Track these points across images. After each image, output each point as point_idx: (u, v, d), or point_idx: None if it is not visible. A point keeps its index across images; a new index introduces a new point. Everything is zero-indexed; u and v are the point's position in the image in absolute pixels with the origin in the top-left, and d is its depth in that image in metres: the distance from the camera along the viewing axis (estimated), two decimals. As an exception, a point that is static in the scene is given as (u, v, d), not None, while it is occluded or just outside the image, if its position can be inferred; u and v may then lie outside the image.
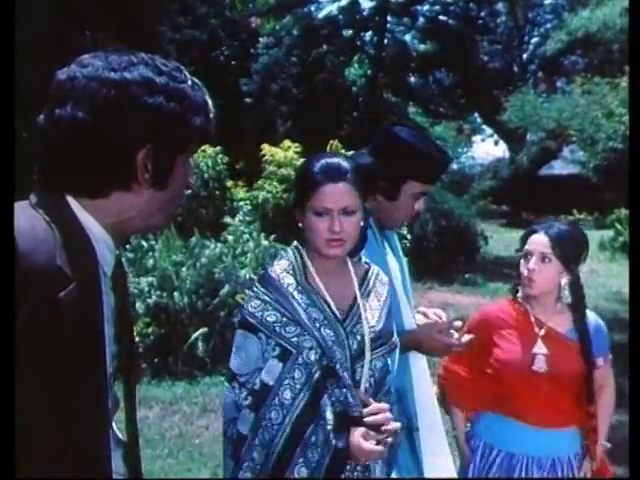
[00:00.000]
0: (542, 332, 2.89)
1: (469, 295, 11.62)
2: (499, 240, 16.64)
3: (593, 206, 21.28)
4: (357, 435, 2.09)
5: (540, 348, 2.85)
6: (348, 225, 2.17)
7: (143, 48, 1.50)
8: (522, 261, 2.90)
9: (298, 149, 10.65)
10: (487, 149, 32.15)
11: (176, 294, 7.08)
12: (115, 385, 1.53)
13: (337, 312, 2.22)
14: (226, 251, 7.76)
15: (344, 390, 2.15)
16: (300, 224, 2.24)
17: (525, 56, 31.68)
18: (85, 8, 10.87)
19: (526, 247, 2.90)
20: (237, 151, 10.12)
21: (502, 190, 27.87)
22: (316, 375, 2.12)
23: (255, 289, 2.24)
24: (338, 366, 2.14)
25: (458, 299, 11.15)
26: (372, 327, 2.24)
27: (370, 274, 2.38)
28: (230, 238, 8.25)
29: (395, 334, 2.35)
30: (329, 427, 2.09)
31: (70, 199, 1.41)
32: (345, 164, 2.20)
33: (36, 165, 1.44)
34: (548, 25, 30.24)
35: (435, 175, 2.78)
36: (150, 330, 6.85)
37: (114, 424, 1.55)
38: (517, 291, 3.01)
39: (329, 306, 2.22)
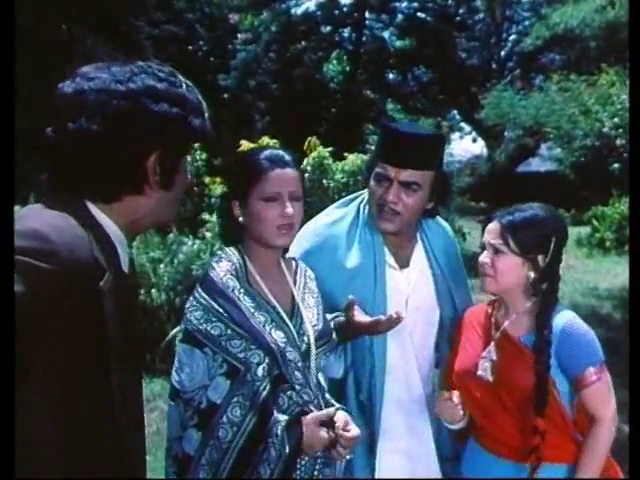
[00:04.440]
0: (497, 335, 2.44)
1: (447, 291, 11.62)
2: (477, 236, 16.61)
3: (570, 203, 21.37)
4: (311, 422, 2.06)
5: (489, 352, 2.40)
6: (297, 210, 2.17)
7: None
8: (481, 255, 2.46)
9: (277, 146, 10.63)
10: (465, 146, 32.13)
11: (154, 291, 7.04)
12: None
13: (283, 314, 2.17)
14: (204, 248, 7.72)
15: (298, 388, 2.10)
16: (241, 218, 2.19)
17: (503, 53, 31.77)
18: (61, 2, 10.76)
19: (482, 238, 2.48)
20: (215, 147, 10.08)
21: (480, 187, 27.96)
22: (265, 392, 2.05)
23: (197, 295, 2.13)
24: (291, 367, 2.09)
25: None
26: (315, 326, 2.21)
27: (299, 270, 2.35)
28: (208, 235, 8.19)
29: (333, 332, 2.31)
30: (282, 444, 2.02)
31: (88, 203, 1.48)
32: (288, 154, 2.22)
33: (49, 174, 1.52)
34: (526, 22, 30.32)
35: (384, 151, 2.52)
36: (127, 327, 6.78)
37: None
38: None
39: (274, 308, 2.16)
